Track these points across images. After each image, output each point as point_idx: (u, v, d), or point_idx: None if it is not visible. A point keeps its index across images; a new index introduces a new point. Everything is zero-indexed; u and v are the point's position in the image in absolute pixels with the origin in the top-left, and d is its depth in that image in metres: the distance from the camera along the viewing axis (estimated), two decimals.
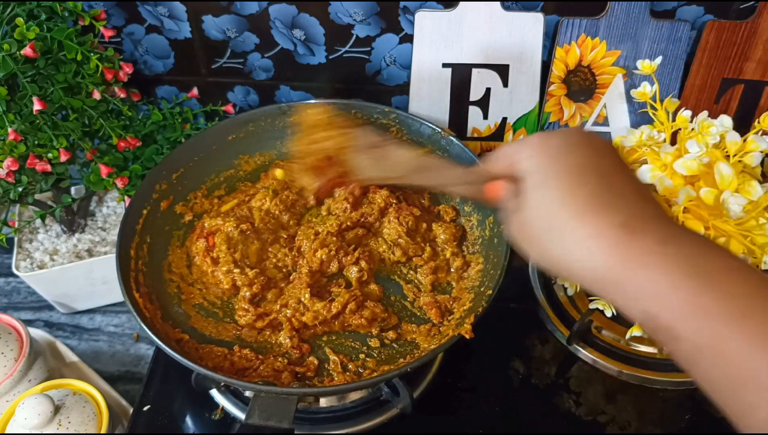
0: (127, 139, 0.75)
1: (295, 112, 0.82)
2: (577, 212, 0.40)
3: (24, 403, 0.60)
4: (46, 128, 0.69)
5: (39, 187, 0.74)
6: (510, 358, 0.73)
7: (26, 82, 0.67)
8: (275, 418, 0.52)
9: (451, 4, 0.79)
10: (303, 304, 0.67)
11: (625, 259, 0.38)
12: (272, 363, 0.64)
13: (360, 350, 0.66)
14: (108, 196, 0.87)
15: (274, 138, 0.84)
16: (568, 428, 0.67)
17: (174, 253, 0.74)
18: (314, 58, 0.87)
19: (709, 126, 0.63)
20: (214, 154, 0.80)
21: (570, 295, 0.77)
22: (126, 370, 0.78)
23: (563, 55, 0.81)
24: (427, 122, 0.78)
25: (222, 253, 0.70)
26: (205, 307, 0.70)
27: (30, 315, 0.84)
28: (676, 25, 0.78)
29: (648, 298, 0.37)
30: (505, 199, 0.49)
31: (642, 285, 0.38)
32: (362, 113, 0.82)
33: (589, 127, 0.86)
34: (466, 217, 0.77)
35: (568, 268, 0.42)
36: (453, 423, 0.68)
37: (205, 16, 0.84)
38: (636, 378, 0.70)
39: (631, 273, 0.38)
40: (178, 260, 0.73)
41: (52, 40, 0.68)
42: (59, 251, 0.80)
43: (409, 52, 0.84)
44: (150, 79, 0.92)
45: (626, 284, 0.38)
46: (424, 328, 0.67)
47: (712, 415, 0.68)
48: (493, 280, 0.63)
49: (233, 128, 0.81)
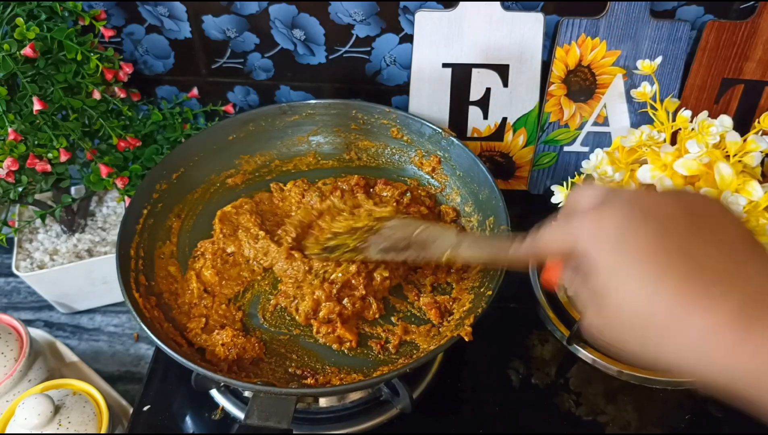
0: (127, 139, 0.75)
1: (294, 111, 0.82)
2: (675, 305, 0.33)
3: (24, 403, 0.60)
4: (46, 128, 0.69)
5: (39, 187, 0.74)
6: (510, 358, 0.73)
7: (26, 82, 0.67)
8: (274, 419, 0.52)
9: (451, 4, 0.79)
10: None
11: (754, 354, 0.31)
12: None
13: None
14: (108, 196, 0.87)
15: (275, 138, 0.84)
16: (568, 428, 0.67)
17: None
18: (314, 58, 0.87)
19: (709, 126, 0.63)
20: (215, 153, 0.80)
21: (570, 295, 0.77)
22: (126, 370, 0.78)
23: (563, 55, 0.81)
24: (428, 122, 0.79)
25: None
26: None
27: (30, 315, 0.84)
28: (676, 25, 0.78)
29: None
30: (570, 288, 0.42)
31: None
32: (362, 113, 0.82)
33: (588, 128, 0.86)
34: (467, 218, 0.77)
35: (687, 371, 0.34)
36: (453, 423, 0.68)
37: (205, 16, 0.84)
38: (636, 378, 0.70)
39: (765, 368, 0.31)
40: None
41: (52, 40, 0.68)
42: (59, 251, 0.80)
43: (409, 52, 0.84)
44: (150, 79, 0.92)
45: (762, 382, 0.32)
46: (424, 329, 0.67)
47: (711, 415, 0.68)
48: (493, 280, 0.63)
49: (233, 128, 0.81)
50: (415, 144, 0.82)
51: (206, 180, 0.80)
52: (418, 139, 0.81)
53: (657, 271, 0.34)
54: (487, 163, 0.90)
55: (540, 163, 0.89)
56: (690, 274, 0.33)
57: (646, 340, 0.35)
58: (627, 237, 0.35)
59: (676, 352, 0.34)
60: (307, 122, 0.84)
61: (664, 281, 0.33)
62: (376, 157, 0.85)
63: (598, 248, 0.37)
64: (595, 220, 0.37)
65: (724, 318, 0.32)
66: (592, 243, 0.37)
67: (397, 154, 0.84)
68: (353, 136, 0.84)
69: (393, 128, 0.81)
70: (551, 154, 0.88)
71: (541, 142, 0.87)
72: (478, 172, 0.74)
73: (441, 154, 0.80)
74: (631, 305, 0.35)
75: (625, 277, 0.35)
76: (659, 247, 0.34)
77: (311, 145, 0.85)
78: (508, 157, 0.90)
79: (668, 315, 0.33)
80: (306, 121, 0.84)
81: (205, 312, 0.68)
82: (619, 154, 0.69)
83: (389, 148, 0.84)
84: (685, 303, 0.33)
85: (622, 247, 0.35)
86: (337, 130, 0.84)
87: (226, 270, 0.72)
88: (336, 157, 0.86)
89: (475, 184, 0.75)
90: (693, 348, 0.33)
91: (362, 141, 0.84)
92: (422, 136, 0.80)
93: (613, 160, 0.68)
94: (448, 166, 0.80)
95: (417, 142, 0.81)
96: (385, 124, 0.82)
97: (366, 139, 0.84)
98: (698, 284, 0.33)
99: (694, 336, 0.32)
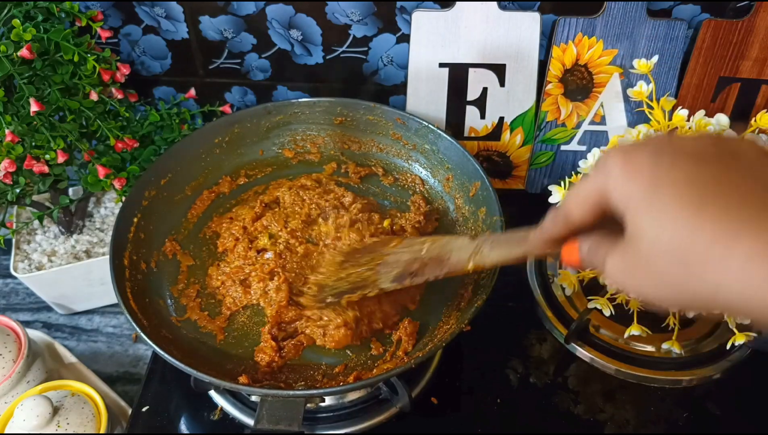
0: (125, 140, 0.75)
1: (278, 111, 0.82)
2: (716, 236, 0.32)
3: (22, 404, 0.60)
4: (44, 129, 0.69)
5: (36, 188, 0.74)
6: (508, 357, 0.73)
7: (23, 83, 0.66)
8: (285, 422, 0.52)
9: (448, 4, 0.79)
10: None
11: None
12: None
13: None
14: (106, 196, 0.87)
15: (261, 138, 0.84)
16: (566, 427, 0.67)
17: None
18: (311, 59, 0.87)
19: (706, 124, 0.64)
20: (202, 157, 0.80)
21: (568, 295, 0.77)
22: (124, 371, 0.78)
23: (560, 54, 0.81)
24: (415, 117, 0.79)
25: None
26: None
27: (28, 316, 0.83)
28: (673, 24, 0.78)
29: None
30: (589, 257, 0.41)
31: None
32: (348, 110, 0.82)
33: (586, 127, 0.86)
34: (458, 211, 0.77)
35: (725, 304, 0.33)
36: (451, 422, 0.68)
37: (202, 17, 0.84)
38: (634, 377, 0.70)
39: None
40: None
41: (49, 41, 0.68)
42: (57, 252, 0.80)
43: (406, 51, 0.84)
44: (147, 79, 0.92)
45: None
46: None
47: (710, 413, 0.68)
48: (488, 274, 0.63)
49: (219, 130, 0.81)
50: (402, 139, 0.82)
51: (193, 183, 0.80)
52: (405, 134, 0.81)
53: (696, 201, 0.32)
54: (485, 163, 0.90)
55: (537, 162, 0.90)
56: (731, 204, 0.32)
57: (683, 276, 0.33)
58: (661, 170, 0.34)
59: (714, 285, 0.32)
60: (292, 121, 0.84)
61: (704, 211, 0.32)
62: (364, 154, 0.85)
63: (630, 185, 0.35)
64: (626, 157, 0.36)
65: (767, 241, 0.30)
66: (624, 181, 0.35)
67: (385, 150, 0.84)
68: (339, 133, 0.84)
69: (379, 124, 0.82)
70: (548, 153, 0.88)
71: (538, 141, 0.88)
72: (467, 164, 0.74)
73: (429, 148, 0.80)
74: (670, 240, 0.33)
75: (662, 213, 0.33)
76: (696, 179, 0.33)
77: (297, 144, 0.85)
78: (505, 156, 0.90)
79: (711, 245, 0.32)
80: (291, 121, 0.84)
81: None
82: None
83: (376, 144, 0.84)
84: (728, 231, 0.31)
85: (657, 179, 0.34)
86: (323, 128, 0.84)
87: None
88: (323, 155, 0.86)
89: (465, 176, 0.76)
90: (738, 277, 0.31)
91: (349, 138, 0.85)
92: (409, 130, 0.81)
93: None
94: (436, 160, 0.80)
95: (404, 137, 0.82)
96: (371, 120, 0.82)
97: (352, 136, 0.84)
98: (741, 212, 0.32)
99: (739, 264, 0.31)
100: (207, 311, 0.70)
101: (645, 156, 0.35)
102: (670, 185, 0.33)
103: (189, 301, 0.70)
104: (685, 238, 0.32)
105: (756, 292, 0.31)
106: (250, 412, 0.67)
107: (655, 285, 0.36)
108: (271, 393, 0.54)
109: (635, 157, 0.35)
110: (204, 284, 0.72)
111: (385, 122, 0.81)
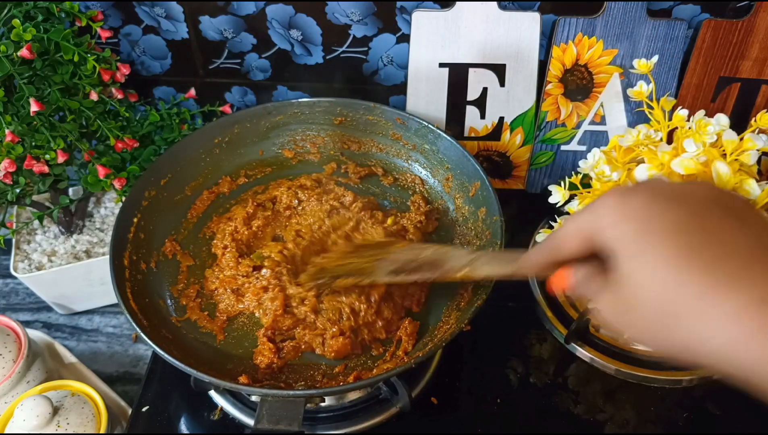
0: (125, 139, 0.75)
1: (278, 111, 0.82)
2: (702, 289, 0.32)
3: (22, 404, 0.60)
4: (44, 129, 0.69)
5: (36, 188, 0.74)
6: (508, 357, 0.73)
7: (23, 83, 0.66)
8: (285, 422, 0.52)
9: (448, 4, 0.79)
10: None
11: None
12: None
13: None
14: (106, 196, 0.87)
15: (261, 139, 0.84)
16: (566, 427, 0.67)
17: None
18: (311, 59, 0.87)
19: (706, 125, 0.63)
20: (202, 157, 0.80)
21: (568, 295, 0.77)
22: (124, 371, 0.78)
23: (560, 54, 0.81)
24: (414, 117, 0.79)
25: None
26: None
27: (28, 316, 0.84)
28: (673, 24, 0.78)
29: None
30: (577, 287, 0.41)
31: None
32: (348, 110, 0.82)
33: (585, 127, 0.86)
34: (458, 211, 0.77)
35: (705, 358, 0.33)
36: (451, 422, 0.68)
37: (202, 17, 0.84)
38: (634, 376, 0.70)
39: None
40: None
41: (49, 41, 0.68)
42: (57, 252, 0.80)
43: (406, 51, 0.84)
44: (147, 79, 0.92)
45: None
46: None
47: (710, 413, 0.68)
48: None
49: (219, 131, 0.81)
50: (402, 139, 0.82)
51: (193, 183, 0.80)
52: (405, 134, 0.81)
53: (685, 252, 0.33)
54: (485, 163, 0.90)
55: (537, 162, 0.90)
56: (718, 258, 0.32)
57: (667, 325, 0.34)
58: (653, 218, 0.35)
59: (698, 338, 0.33)
60: (292, 121, 0.84)
61: (691, 262, 0.33)
62: (364, 154, 0.85)
63: (621, 229, 0.35)
64: (619, 201, 0.36)
65: (752, 302, 0.31)
66: (616, 225, 0.36)
67: (384, 150, 0.84)
68: (339, 133, 0.84)
69: (379, 124, 0.82)
70: (548, 153, 0.88)
71: (538, 141, 0.88)
72: (467, 164, 0.74)
73: (429, 148, 0.80)
74: (655, 288, 0.34)
75: (651, 258, 0.34)
76: (686, 229, 0.34)
77: (297, 144, 0.85)
78: (505, 156, 0.90)
79: (696, 298, 0.32)
80: (291, 121, 0.84)
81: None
82: (616, 153, 0.69)
83: (376, 144, 0.84)
84: (713, 286, 0.32)
85: (649, 224, 0.34)
86: (322, 128, 0.84)
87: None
88: (323, 155, 0.86)
89: (465, 176, 0.76)
90: (716, 333, 0.32)
91: (348, 138, 0.85)
92: (409, 130, 0.81)
93: (610, 159, 0.68)
94: (436, 160, 0.80)
95: (404, 137, 0.82)
96: (371, 120, 0.82)
97: (352, 136, 0.84)
98: (727, 267, 0.32)
99: (718, 320, 0.32)
100: (207, 311, 0.70)
101: (639, 199, 0.36)
102: (661, 231, 0.34)
103: (189, 301, 0.70)
104: (671, 289, 0.33)
105: (740, 346, 0.31)
106: (250, 412, 0.67)
107: (642, 330, 0.36)
108: (271, 393, 0.54)
109: (630, 199, 0.36)
110: (203, 285, 0.72)
111: (384, 122, 0.81)
